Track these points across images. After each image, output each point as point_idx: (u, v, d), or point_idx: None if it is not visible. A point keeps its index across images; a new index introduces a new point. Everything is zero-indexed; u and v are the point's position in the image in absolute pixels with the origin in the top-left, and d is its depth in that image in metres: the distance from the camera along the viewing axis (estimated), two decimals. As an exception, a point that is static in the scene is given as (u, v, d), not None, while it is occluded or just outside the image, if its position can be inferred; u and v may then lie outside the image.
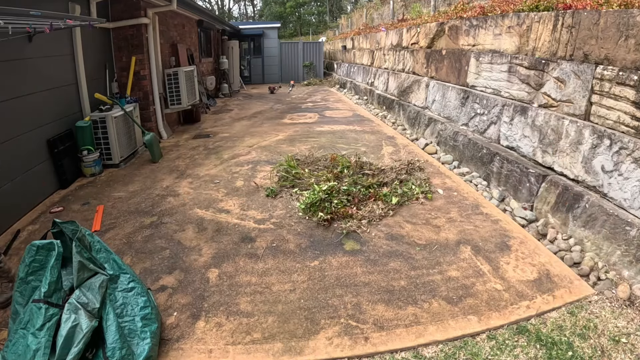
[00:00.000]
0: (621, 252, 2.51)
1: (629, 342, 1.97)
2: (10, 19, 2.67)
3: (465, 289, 2.41)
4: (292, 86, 13.98)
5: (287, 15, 30.41)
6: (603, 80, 2.92)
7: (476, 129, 4.73)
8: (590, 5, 3.21)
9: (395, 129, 6.90)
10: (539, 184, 3.36)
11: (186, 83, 6.89)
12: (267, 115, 8.51)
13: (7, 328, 2.01)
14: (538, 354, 1.92)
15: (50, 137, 4.03)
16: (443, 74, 5.78)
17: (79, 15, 4.32)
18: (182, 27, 8.20)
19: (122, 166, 4.94)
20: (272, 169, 4.48)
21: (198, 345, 2.03)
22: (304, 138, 6.22)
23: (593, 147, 2.96)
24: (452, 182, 4.17)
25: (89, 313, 1.75)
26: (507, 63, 4.14)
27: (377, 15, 13.07)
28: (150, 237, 3.12)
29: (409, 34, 7.27)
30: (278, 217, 3.43)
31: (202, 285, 2.52)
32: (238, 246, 2.98)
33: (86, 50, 4.69)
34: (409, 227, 3.21)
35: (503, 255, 2.78)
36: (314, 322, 2.17)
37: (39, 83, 3.87)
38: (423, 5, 8.84)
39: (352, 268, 2.66)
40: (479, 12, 4.84)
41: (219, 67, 12.04)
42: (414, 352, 1.97)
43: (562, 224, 3.05)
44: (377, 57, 9.61)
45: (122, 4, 5.51)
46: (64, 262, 1.89)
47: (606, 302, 2.28)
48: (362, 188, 3.71)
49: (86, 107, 4.72)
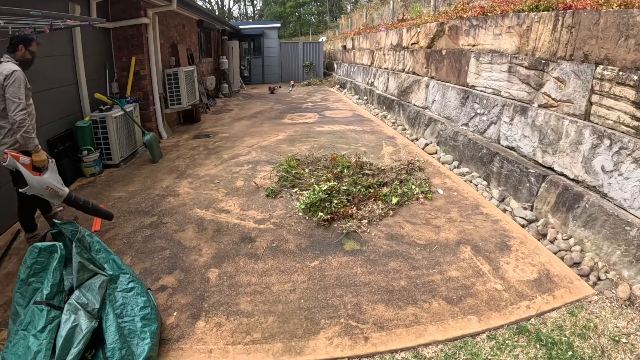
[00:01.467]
0: (621, 252, 2.51)
1: (629, 342, 1.97)
2: (10, 19, 2.67)
3: (465, 289, 2.41)
4: (292, 86, 13.98)
5: (287, 15, 30.40)
6: (603, 80, 2.92)
7: (476, 129, 4.73)
8: (590, 5, 3.21)
9: (395, 129, 6.90)
10: (539, 184, 3.36)
11: (186, 83, 6.89)
12: (267, 115, 8.52)
13: (6, 328, 2.01)
14: (538, 354, 1.92)
15: (50, 137, 4.03)
16: (443, 74, 5.78)
17: (79, 15, 4.32)
18: (182, 27, 8.21)
19: (122, 166, 4.94)
20: (272, 169, 4.48)
21: (198, 345, 2.03)
22: (304, 138, 6.22)
23: (593, 147, 2.96)
24: (452, 182, 4.17)
25: (89, 314, 1.75)
26: (507, 63, 4.14)
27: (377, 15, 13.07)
28: (150, 237, 3.12)
29: (409, 34, 7.27)
30: (278, 217, 3.43)
31: (202, 285, 2.52)
32: (238, 246, 2.98)
33: (86, 50, 4.69)
34: (409, 227, 3.21)
35: (503, 255, 2.78)
36: (314, 322, 2.17)
37: (38, 83, 3.86)
38: (423, 5, 8.84)
39: (352, 268, 2.66)
40: (479, 12, 4.84)
41: (219, 67, 12.05)
42: (414, 352, 1.97)
43: (562, 224, 3.05)
44: (377, 57, 9.61)
45: (122, 4, 5.51)
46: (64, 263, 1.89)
47: (606, 302, 2.28)
48: (362, 188, 3.71)
49: (86, 107, 4.73)
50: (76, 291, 1.80)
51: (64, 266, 1.87)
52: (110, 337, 1.76)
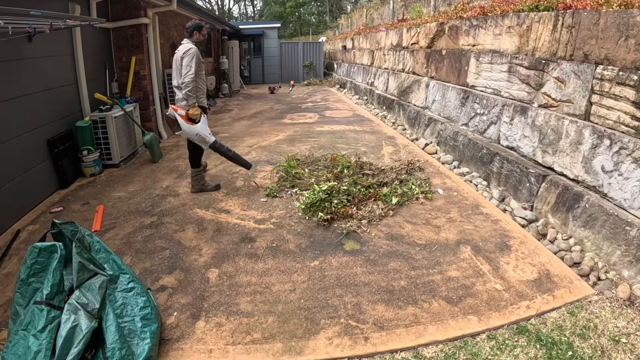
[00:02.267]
0: (621, 252, 2.51)
1: (629, 342, 1.97)
2: (10, 19, 2.67)
3: (465, 289, 2.41)
4: (292, 86, 13.98)
5: (287, 15, 30.41)
6: (603, 80, 2.92)
7: (476, 129, 4.73)
8: (590, 5, 3.21)
9: (395, 129, 6.90)
10: (539, 184, 3.36)
11: (186, 83, 6.87)
12: (267, 115, 8.52)
13: (6, 328, 2.01)
14: (538, 354, 1.92)
15: (50, 137, 4.03)
16: (443, 74, 5.78)
17: (79, 15, 4.32)
18: (182, 27, 8.20)
19: (122, 166, 4.94)
20: (272, 169, 4.48)
21: (198, 345, 2.03)
22: (304, 138, 6.22)
23: (593, 147, 2.96)
24: (452, 182, 4.17)
25: (89, 314, 1.75)
26: (507, 63, 4.14)
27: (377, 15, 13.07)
28: (150, 237, 3.12)
29: (409, 34, 7.27)
30: (278, 217, 3.43)
31: (202, 285, 2.52)
32: (238, 246, 2.98)
33: (86, 50, 4.69)
34: (409, 227, 3.21)
35: (503, 255, 2.78)
36: (314, 322, 2.17)
37: (39, 83, 3.87)
38: (423, 5, 8.84)
39: (352, 268, 2.66)
40: (479, 12, 4.84)
41: (219, 67, 12.05)
42: (414, 352, 1.97)
43: (562, 224, 3.05)
44: (377, 57, 9.61)
45: (122, 4, 5.51)
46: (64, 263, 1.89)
47: (606, 302, 2.28)
48: (362, 188, 3.71)
49: (86, 107, 4.72)
50: (76, 291, 1.80)
51: (64, 266, 1.87)
52: (110, 337, 1.76)
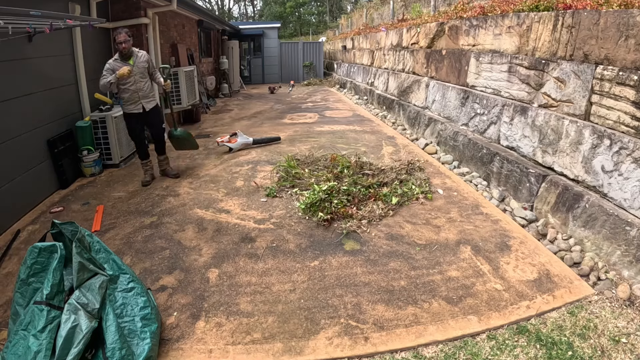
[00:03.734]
0: (621, 252, 2.51)
1: (629, 342, 1.97)
2: (10, 19, 2.68)
3: (465, 289, 2.41)
4: (292, 86, 13.98)
5: (287, 15, 30.40)
6: (603, 80, 2.92)
7: (476, 129, 4.73)
8: (590, 5, 3.21)
9: (395, 129, 6.90)
10: (539, 184, 3.36)
11: (186, 83, 6.89)
12: (267, 115, 8.51)
13: (6, 328, 2.01)
14: (538, 354, 1.92)
15: (50, 137, 4.03)
16: (443, 74, 5.78)
17: (79, 15, 4.32)
18: (182, 27, 8.21)
19: (122, 166, 4.94)
20: (272, 169, 4.48)
21: (198, 345, 2.03)
22: (304, 138, 6.22)
23: (593, 147, 2.96)
24: (452, 182, 4.17)
25: (89, 314, 1.75)
26: (507, 63, 4.14)
27: (377, 15, 13.07)
28: (150, 237, 3.12)
29: (409, 34, 7.27)
30: (278, 217, 3.43)
31: (202, 285, 2.52)
32: (238, 246, 2.98)
33: (86, 50, 4.69)
34: (409, 227, 3.21)
35: (503, 255, 2.78)
36: (314, 322, 2.17)
37: (39, 83, 3.87)
38: (423, 5, 8.83)
39: (352, 268, 2.66)
40: (479, 12, 4.84)
41: (219, 67, 12.04)
42: (414, 352, 1.97)
43: (562, 224, 3.05)
44: (377, 57, 9.61)
45: (122, 4, 5.51)
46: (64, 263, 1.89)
47: (606, 302, 2.28)
48: (362, 188, 3.71)
49: (86, 107, 4.73)
50: (76, 291, 1.80)
51: (64, 266, 1.87)
52: (110, 337, 1.76)
